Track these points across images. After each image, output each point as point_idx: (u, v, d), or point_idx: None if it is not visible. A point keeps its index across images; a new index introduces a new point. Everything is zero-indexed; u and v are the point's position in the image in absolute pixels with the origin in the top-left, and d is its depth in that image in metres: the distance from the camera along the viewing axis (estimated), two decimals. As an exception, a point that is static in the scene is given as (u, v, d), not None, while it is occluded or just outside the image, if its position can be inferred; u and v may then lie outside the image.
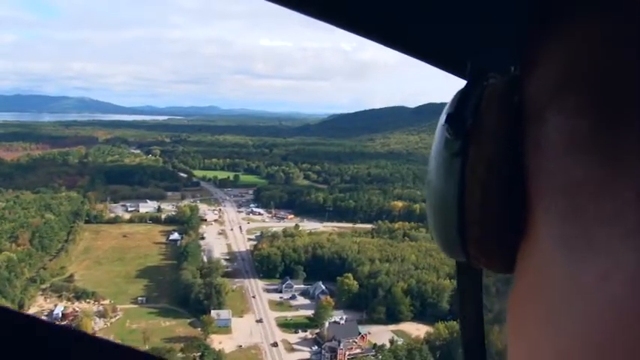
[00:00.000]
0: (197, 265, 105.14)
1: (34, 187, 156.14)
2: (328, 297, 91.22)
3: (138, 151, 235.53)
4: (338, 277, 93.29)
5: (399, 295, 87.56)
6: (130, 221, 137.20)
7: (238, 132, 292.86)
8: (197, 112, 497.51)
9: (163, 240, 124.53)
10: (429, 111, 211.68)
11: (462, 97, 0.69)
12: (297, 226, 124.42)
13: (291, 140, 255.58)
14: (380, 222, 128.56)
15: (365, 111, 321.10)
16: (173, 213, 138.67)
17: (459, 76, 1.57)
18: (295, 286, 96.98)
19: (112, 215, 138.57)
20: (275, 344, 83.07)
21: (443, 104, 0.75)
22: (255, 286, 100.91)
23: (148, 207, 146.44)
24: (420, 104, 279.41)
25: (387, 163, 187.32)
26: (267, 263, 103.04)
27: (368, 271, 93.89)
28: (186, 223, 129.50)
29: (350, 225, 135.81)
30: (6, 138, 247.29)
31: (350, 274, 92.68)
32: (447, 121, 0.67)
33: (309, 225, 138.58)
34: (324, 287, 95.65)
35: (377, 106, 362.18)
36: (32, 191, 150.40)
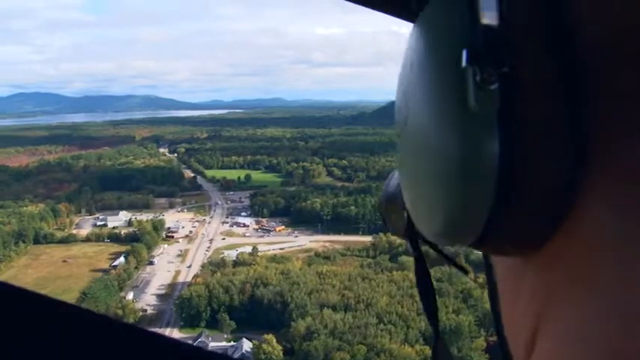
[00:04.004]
0: (113, 303, 79.34)
1: (15, 198, 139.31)
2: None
3: (164, 150, 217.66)
4: (254, 340, 63.77)
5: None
6: (87, 240, 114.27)
7: (288, 124, 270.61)
8: (261, 104, 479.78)
9: (106, 266, 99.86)
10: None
11: (479, 14, 0.45)
12: (255, 249, 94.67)
13: (335, 131, 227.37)
14: (382, 234, 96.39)
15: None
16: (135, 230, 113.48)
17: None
18: (212, 344, 67.98)
19: (66, 234, 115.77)
20: None
21: None
22: (168, 340, 72.88)
23: (117, 220, 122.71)
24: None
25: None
26: (188, 307, 74.89)
27: (305, 329, 63.18)
28: (142, 242, 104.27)
29: (346, 238, 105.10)
30: (45, 141, 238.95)
31: (272, 336, 62.58)
32: (473, 59, 0.45)
33: (298, 239, 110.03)
34: (248, 347, 66.26)
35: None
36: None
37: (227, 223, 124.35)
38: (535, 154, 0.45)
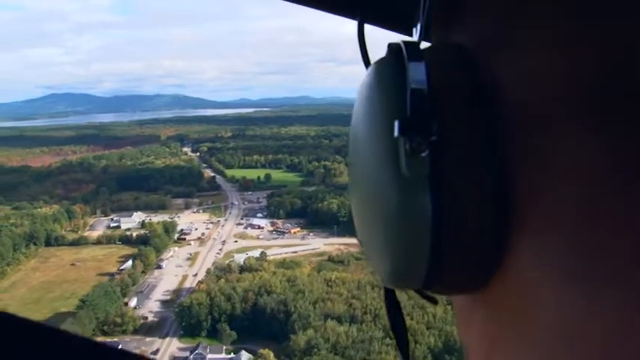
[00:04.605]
0: (114, 309, 76.12)
1: (31, 199, 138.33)
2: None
3: (187, 149, 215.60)
4: (258, 352, 59.31)
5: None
6: (97, 242, 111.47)
7: (314, 122, 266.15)
8: (289, 102, 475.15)
9: (114, 269, 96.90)
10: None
11: (407, 88, 0.51)
12: (263, 253, 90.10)
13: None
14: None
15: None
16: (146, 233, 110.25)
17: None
18: (210, 356, 64.06)
19: (77, 236, 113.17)
20: None
21: None
22: (167, 351, 69.24)
23: (131, 222, 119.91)
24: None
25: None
26: (189, 316, 71.01)
27: (305, 343, 58.51)
28: (152, 245, 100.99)
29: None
30: (71, 141, 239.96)
31: (269, 351, 58.11)
32: (403, 130, 0.50)
33: (312, 242, 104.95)
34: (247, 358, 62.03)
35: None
36: (12, 207, 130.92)
37: (242, 224, 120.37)
38: (464, 214, 0.51)
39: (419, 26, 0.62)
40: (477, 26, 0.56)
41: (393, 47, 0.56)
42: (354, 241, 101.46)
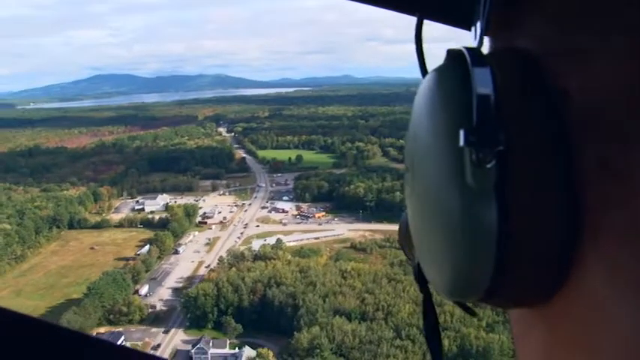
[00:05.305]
0: (123, 297, 73.44)
1: (60, 180, 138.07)
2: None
3: (222, 130, 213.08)
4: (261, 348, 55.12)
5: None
6: (119, 225, 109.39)
7: (353, 101, 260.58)
8: (331, 81, 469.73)
9: (132, 254, 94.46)
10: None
11: (472, 96, 0.50)
12: (279, 240, 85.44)
13: (398, 108, 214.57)
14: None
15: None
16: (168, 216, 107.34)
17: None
18: (212, 351, 60.24)
19: (99, 219, 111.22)
20: None
21: None
22: (171, 342, 65.90)
23: (155, 205, 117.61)
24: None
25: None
26: (194, 307, 67.45)
27: (308, 342, 53.87)
28: (169, 230, 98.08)
29: (388, 227, 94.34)
30: (110, 122, 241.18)
31: (269, 351, 53.77)
32: (469, 140, 0.49)
33: (336, 227, 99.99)
34: (251, 355, 58.03)
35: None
36: (40, 188, 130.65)
37: (266, 208, 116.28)
38: (531, 227, 0.50)
39: (477, 30, 0.59)
40: (542, 31, 0.54)
41: (453, 54, 0.55)
42: (379, 227, 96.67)
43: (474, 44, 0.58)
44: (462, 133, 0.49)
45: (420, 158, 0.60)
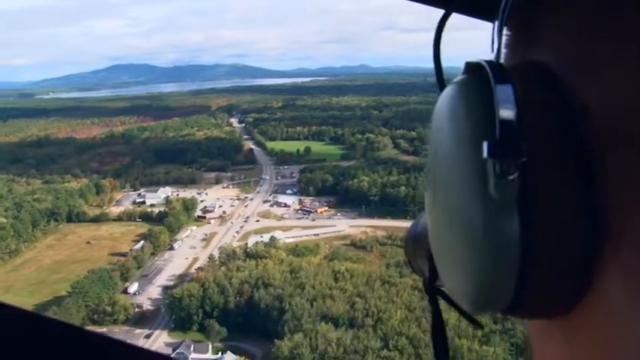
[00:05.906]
0: (108, 295, 70.76)
1: (64, 172, 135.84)
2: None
3: (234, 120, 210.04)
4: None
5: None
6: (118, 219, 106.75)
7: (369, 91, 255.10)
8: (347, 71, 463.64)
9: (127, 249, 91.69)
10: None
11: (495, 109, 0.51)
12: (273, 238, 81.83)
13: (412, 99, 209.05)
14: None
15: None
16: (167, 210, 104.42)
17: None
18: (192, 356, 57.16)
19: (98, 212, 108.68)
20: None
21: None
22: (153, 346, 62.85)
23: (156, 198, 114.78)
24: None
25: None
26: (179, 309, 64.38)
27: (289, 350, 50.32)
28: (165, 225, 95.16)
29: (391, 223, 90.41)
30: (123, 112, 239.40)
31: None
32: (492, 152, 0.49)
33: (337, 223, 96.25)
34: (232, 362, 54.84)
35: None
36: (43, 180, 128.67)
37: (269, 202, 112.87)
38: (554, 238, 0.50)
39: (495, 42, 0.59)
40: (561, 44, 0.55)
41: (473, 67, 0.56)
42: (381, 223, 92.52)
43: (490, 55, 0.58)
44: (485, 144, 0.49)
45: (441, 170, 0.60)
